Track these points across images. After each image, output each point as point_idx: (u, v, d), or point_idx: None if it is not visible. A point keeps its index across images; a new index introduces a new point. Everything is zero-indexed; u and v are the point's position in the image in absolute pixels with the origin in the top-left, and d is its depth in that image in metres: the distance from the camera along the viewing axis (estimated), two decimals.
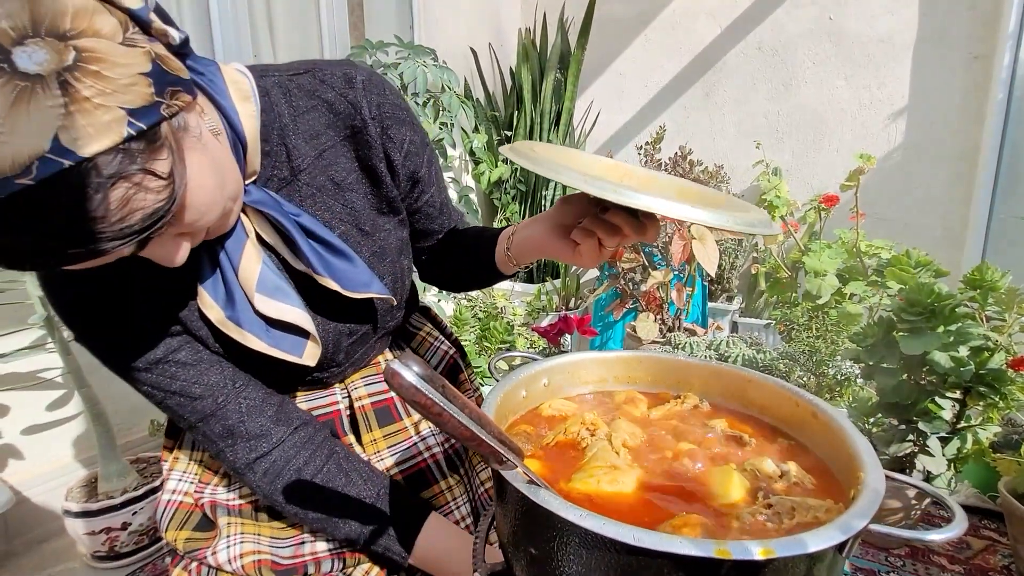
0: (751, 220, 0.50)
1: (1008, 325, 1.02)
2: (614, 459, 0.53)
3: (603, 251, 0.58)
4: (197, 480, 0.68)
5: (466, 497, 0.71)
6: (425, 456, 0.69)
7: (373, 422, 0.68)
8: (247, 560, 0.60)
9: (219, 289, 0.55)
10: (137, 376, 0.57)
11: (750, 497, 0.48)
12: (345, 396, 0.69)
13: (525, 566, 0.45)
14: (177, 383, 0.57)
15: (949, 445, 1.07)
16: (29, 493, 1.25)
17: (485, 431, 0.39)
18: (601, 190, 0.44)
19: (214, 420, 0.59)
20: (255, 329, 0.55)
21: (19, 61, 0.32)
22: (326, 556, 0.63)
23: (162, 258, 0.45)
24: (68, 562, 1.25)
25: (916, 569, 1.21)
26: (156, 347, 0.56)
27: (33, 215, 0.34)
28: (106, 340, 0.56)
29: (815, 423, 0.57)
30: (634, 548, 0.35)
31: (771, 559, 0.35)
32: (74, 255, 0.37)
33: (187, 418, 0.59)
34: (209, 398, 0.58)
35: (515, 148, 0.56)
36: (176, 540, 0.64)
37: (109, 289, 0.54)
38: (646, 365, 0.73)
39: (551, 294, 2.55)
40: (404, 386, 0.34)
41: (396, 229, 0.67)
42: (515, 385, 0.62)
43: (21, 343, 1.19)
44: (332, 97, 0.58)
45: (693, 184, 0.69)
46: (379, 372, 0.71)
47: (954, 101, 2.17)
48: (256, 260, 0.56)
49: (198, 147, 0.42)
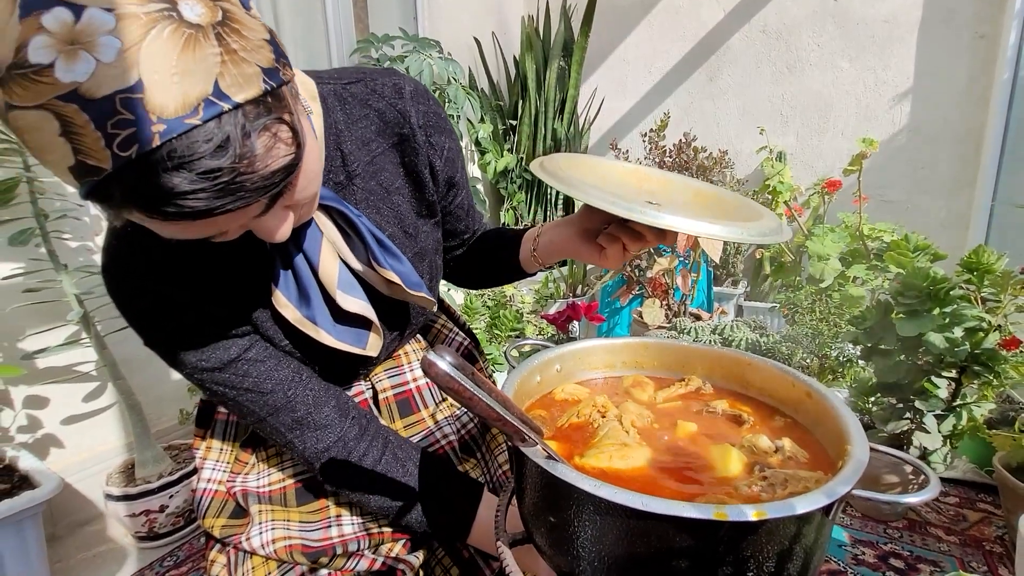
0: (763, 229, 0.55)
1: (1003, 306, 1.06)
2: (624, 437, 0.58)
3: (627, 254, 0.64)
4: (229, 470, 0.72)
5: (484, 479, 0.75)
6: (442, 443, 0.72)
7: (396, 414, 0.72)
8: (279, 545, 0.64)
9: (291, 288, 0.58)
10: (210, 377, 0.59)
11: (747, 471, 0.53)
12: (370, 388, 0.73)
13: (545, 533, 0.51)
14: (249, 380, 0.59)
15: (945, 422, 1.12)
16: (70, 479, 1.32)
17: (509, 412, 0.44)
18: (628, 211, 0.49)
19: (284, 412, 0.61)
20: (326, 325, 0.59)
21: (184, 11, 0.35)
22: (352, 538, 0.66)
23: (270, 230, 0.47)
24: (110, 543, 1.33)
25: (913, 540, 1.26)
26: (229, 348, 0.59)
27: (195, 155, 0.35)
28: (178, 344, 0.58)
29: (809, 402, 0.62)
30: (643, 513, 0.40)
31: (764, 520, 0.40)
32: (220, 203, 0.38)
33: (258, 412, 0.61)
34: (279, 392, 0.60)
35: (544, 166, 0.60)
36: (213, 527, 0.68)
37: (181, 294, 0.56)
38: (652, 351, 0.77)
39: (558, 281, 2.59)
40: (440, 374, 0.39)
41: (433, 231, 0.71)
42: (530, 371, 0.67)
43: (58, 339, 1.26)
44: (383, 106, 0.63)
45: (706, 185, 0.72)
46: (399, 364, 0.75)
47: (959, 82, 2.17)
48: (334, 257, 0.59)
49: (304, 116, 0.46)
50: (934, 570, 1.16)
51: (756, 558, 0.42)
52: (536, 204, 2.76)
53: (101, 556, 1.29)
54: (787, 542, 0.43)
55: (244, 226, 0.46)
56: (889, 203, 2.33)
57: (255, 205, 0.41)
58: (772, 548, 0.43)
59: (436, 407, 0.75)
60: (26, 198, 1.13)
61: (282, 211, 0.47)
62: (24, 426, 1.28)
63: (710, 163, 2.26)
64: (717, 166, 2.28)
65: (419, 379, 0.75)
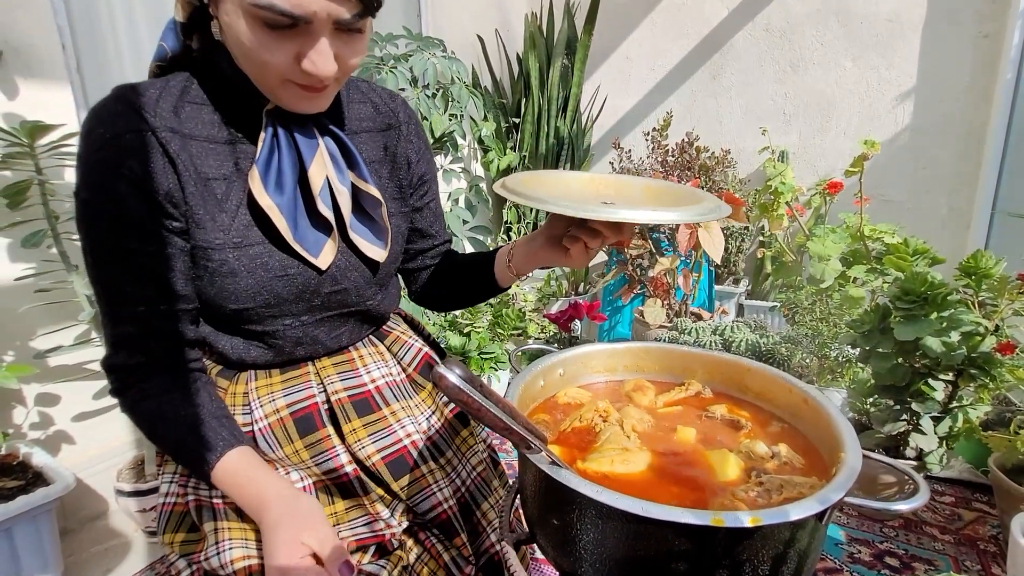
0: (703, 210, 0.61)
1: (1000, 310, 1.07)
2: (625, 442, 0.60)
3: (590, 252, 0.69)
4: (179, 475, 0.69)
5: (449, 480, 0.74)
6: (405, 442, 0.71)
7: (352, 413, 0.70)
8: (239, 565, 0.61)
9: (271, 174, 0.61)
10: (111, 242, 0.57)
11: (744, 476, 0.55)
12: (322, 391, 0.71)
13: (548, 535, 0.53)
14: (125, 271, 0.58)
15: (941, 424, 1.13)
16: (81, 475, 1.35)
17: (515, 422, 0.46)
18: (583, 211, 0.57)
19: (124, 318, 0.59)
20: (289, 218, 0.61)
21: None
22: None
23: (326, 57, 0.53)
24: (120, 537, 1.36)
25: (909, 539, 1.29)
26: (137, 233, 0.57)
27: None
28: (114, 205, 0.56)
29: (806, 408, 0.64)
30: (642, 518, 0.42)
31: (759, 526, 0.42)
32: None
33: (103, 293, 0.59)
34: (137, 302, 0.59)
35: (506, 185, 0.66)
36: (173, 543, 0.66)
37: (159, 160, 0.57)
38: (653, 355, 0.79)
39: (560, 280, 2.61)
40: (449, 387, 0.41)
41: (402, 217, 0.76)
42: (534, 376, 0.69)
43: (69, 338, 1.28)
44: (378, 100, 0.74)
45: (658, 182, 0.79)
46: (354, 368, 0.74)
47: (962, 81, 2.16)
48: (323, 168, 0.63)
49: None
50: (928, 568, 1.18)
51: (752, 562, 0.44)
52: None
53: (112, 550, 1.32)
54: (781, 547, 0.45)
55: (320, 25, 0.52)
56: (891, 202, 2.33)
57: (343, 2, 0.50)
58: (767, 552, 0.45)
59: (398, 404, 0.74)
60: (37, 200, 1.15)
61: (342, 46, 0.54)
62: (36, 423, 1.30)
63: (712, 162, 2.27)
64: (719, 165, 2.29)
65: (377, 380, 0.74)
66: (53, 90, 1.27)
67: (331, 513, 0.69)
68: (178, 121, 0.58)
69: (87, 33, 1.43)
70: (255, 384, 0.70)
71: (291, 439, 0.67)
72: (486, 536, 0.76)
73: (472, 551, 0.74)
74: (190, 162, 0.59)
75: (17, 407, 1.26)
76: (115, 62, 1.50)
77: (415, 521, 0.72)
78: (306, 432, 0.68)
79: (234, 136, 0.62)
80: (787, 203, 1.96)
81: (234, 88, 0.60)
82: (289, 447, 0.67)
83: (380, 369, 0.76)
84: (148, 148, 0.56)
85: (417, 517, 0.72)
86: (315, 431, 0.68)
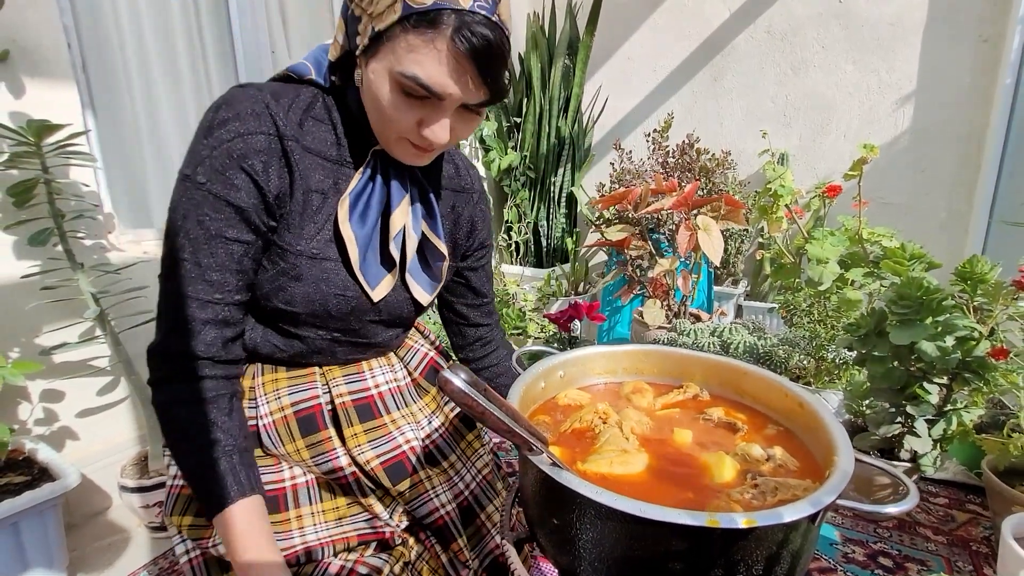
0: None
1: (995, 315, 1.08)
2: (624, 444, 0.61)
3: None
4: None
5: (450, 485, 0.76)
6: (404, 448, 0.73)
7: (354, 417, 0.72)
8: None
9: (359, 207, 0.66)
10: (203, 223, 0.59)
11: (740, 478, 0.57)
12: (326, 392, 0.73)
13: (547, 534, 0.54)
14: (214, 257, 0.60)
15: (935, 427, 1.15)
16: (84, 470, 1.36)
17: (518, 424, 0.47)
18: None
19: (195, 303, 0.60)
20: (361, 247, 0.66)
21: None
22: (316, 545, 0.66)
23: (448, 129, 0.60)
24: (123, 532, 1.37)
25: (903, 540, 1.30)
26: (240, 224, 0.60)
27: (500, 27, 0.56)
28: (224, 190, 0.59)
29: (801, 412, 0.65)
30: (640, 519, 0.43)
31: (753, 527, 0.43)
32: (495, 51, 0.55)
33: (184, 275, 0.60)
34: (215, 289, 0.60)
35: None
36: (181, 525, 0.68)
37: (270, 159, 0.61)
38: (652, 358, 0.80)
39: (560, 279, 2.62)
40: (454, 391, 0.42)
41: (449, 271, 0.81)
42: (535, 378, 0.70)
43: (74, 336, 1.29)
44: (460, 163, 0.82)
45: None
46: (360, 372, 0.76)
47: (962, 85, 2.17)
48: (404, 215, 0.69)
49: None
50: (921, 569, 1.19)
51: (746, 562, 0.46)
52: (539, 202, 2.78)
53: (115, 545, 1.33)
54: (775, 547, 0.46)
55: (449, 104, 0.58)
56: (890, 205, 2.35)
57: (478, 90, 0.57)
58: (761, 553, 0.46)
59: (399, 412, 0.76)
60: (43, 199, 1.16)
61: (460, 122, 0.62)
62: (41, 419, 1.31)
63: (713, 164, 2.28)
64: (720, 167, 2.30)
65: (381, 386, 0.76)
66: (59, 89, 1.28)
67: (333, 508, 0.71)
68: (301, 132, 0.63)
69: (92, 32, 1.44)
70: (261, 379, 0.72)
71: (293, 437, 0.69)
72: (490, 538, 0.77)
73: (476, 552, 0.75)
74: (304, 171, 0.64)
75: (22, 403, 1.28)
76: (120, 61, 1.51)
77: (414, 521, 0.74)
78: (308, 432, 0.70)
79: (342, 159, 0.67)
80: (786, 206, 1.97)
81: (353, 121, 0.67)
82: (291, 445, 0.69)
83: (385, 375, 0.78)
84: (273, 151, 0.61)
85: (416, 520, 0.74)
86: (317, 432, 0.70)
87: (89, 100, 1.43)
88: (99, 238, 1.38)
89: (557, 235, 2.81)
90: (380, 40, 0.56)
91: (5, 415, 1.24)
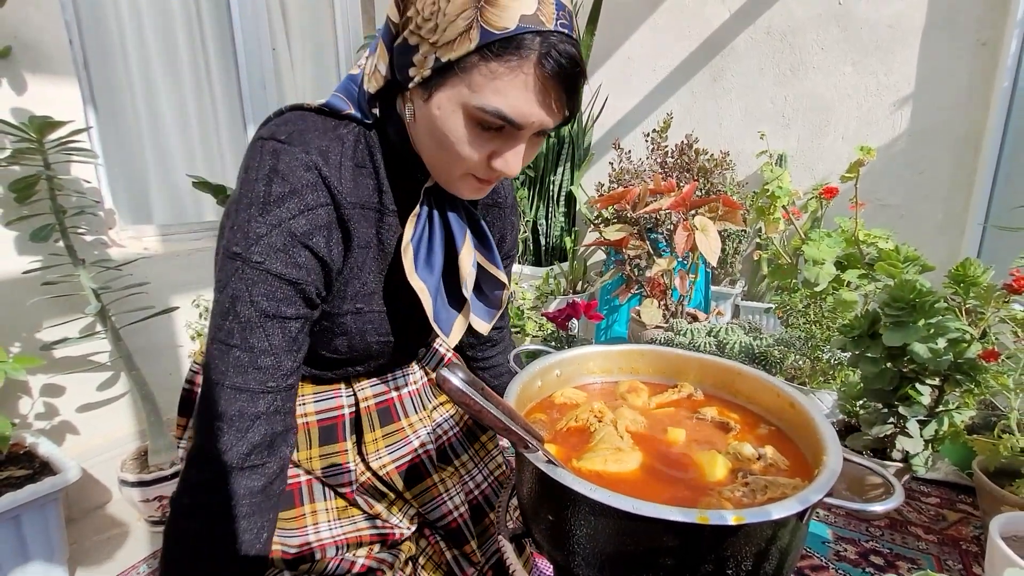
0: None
1: (987, 318, 1.10)
2: (618, 442, 0.62)
3: None
4: None
5: (462, 485, 0.77)
6: (419, 452, 0.74)
7: (376, 422, 0.73)
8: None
9: (422, 253, 0.61)
10: (253, 301, 0.53)
11: (732, 476, 0.58)
12: (351, 397, 0.72)
13: (543, 530, 0.55)
14: (269, 339, 0.54)
15: (927, 427, 1.16)
16: (84, 464, 1.37)
17: (514, 422, 0.48)
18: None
19: (244, 395, 0.54)
20: (432, 293, 0.62)
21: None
22: (330, 542, 0.67)
23: (520, 157, 0.56)
24: (123, 526, 1.38)
25: (894, 538, 1.32)
26: (295, 300, 0.55)
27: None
28: (278, 250, 0.53)
29: (792, 412, 0.66)
30: (633, 515, 0.44)
31: (742, 524, 0.44)
32: (573, 77, 0.51)
33: (233, 364, 0.53)
34: (268, 376, 0.55)
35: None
36: None
37: (320, 202, 0.55)
38: (647, 358, 0.81)
39: (559, 278, 2.63)
40: (453, 389, 0.43)
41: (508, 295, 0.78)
42: (532, 376, 0.71)
43: (75, 331, 1.30)
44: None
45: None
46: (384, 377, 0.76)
47: (960, 88, 2.19)
48: (471, 251, 0.64)
49: None
50: (911, 567, 1.21)
51: (736, 558, 0.47)
52: (539, 200, 2.79)
53: (115, 539, 1.34)
54: (764, 544, 0.48)
55: (527, 132, 0.54)
56: (887, 207, 2.36)
57: (560, 113, 0.53)
58: (750, 549, 0.47)
59: (416, 416, 0.77)
60: (45, 195, 1.16)
61: (530, 147, 0.57)
62: (42, 413, 1.32)
63: (711, 164, 2.29)
64: (718, 168, 2.31)
65: (401, 389, 0.77)
66: (60, 85, 1.29)
67: (345, 505, 0.72)
68: (352, 190, 0.58)
69: (93, 29, 1.44)
70: None
71: (310, 445, 0.70)
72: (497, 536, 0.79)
73: (483, 551, 0.76)
74: (354, 230, 0.59)
75: (23, 398, 1.29)
76: (121, 58, 1.51)
77: (423, 521, 0.75)
78: (327, 442, 0.70)
79: (384, 207, 0.61)
80: (784, 207, 1.99)
81: (396, 159, 0.60)
82: (305, 452, 0.69)
83: (407, 378, 0.78)
84: (332, 223, 0.56)
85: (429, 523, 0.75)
86: (335, 442, 0.70)
87: (90, 96, 1.43)
88: (100, 234, 1.39)
89: (556, 234, 2.82)
90: (447, 71, 0.50)
91: (6, 409, 1.25)
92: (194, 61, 1.69)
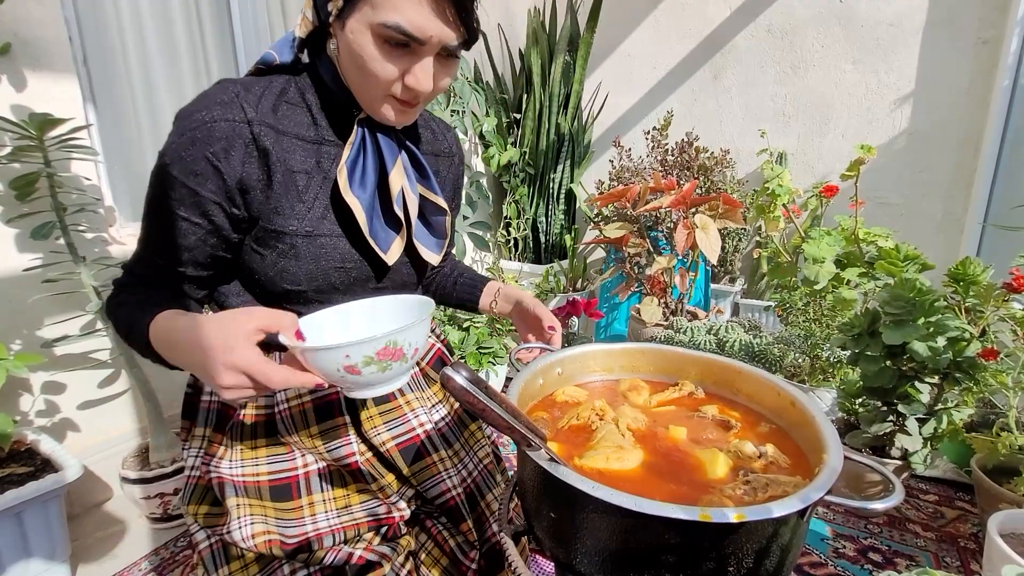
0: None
1: (986, 317, 1.10)
2: (620, 440, 0.63)
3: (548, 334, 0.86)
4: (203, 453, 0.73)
5: (456, 470, 0.78)
6: (418, 431, 0.75)
7: (370, 401, 0.74)
8: (259, 540, 0.66)
9: (356, 174, 0.67)
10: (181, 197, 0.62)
11: (733, 474, 0.58)
12: None
13: (545, 527, 0.56)
14: (191, 236, 0.63)
15: (926, 425, 1.17)
16: (86, 461, 1.38)
17: (517, 421, 0.49)
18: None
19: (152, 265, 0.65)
20: (367, 211, 0.67)
21: None
22: (327, 532, 0.68)
23: (429, 75, 0.61)
24: (124, 523, 1.38)
25: (892, 535, 1.33)
26: (191, 206, 0.62)
27: None
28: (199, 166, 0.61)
29: (793, 411, 0.67)
30: (635, 513, 0.45)
31: (743, 522, 0.45)
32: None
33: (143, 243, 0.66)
34: (168, 263, 0.65)
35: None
36: (197, 515, 0.71)
37: (264, 135, 0.63)
38: (648, 356, 0.82)
39: (559, 275, 2.63)
40: (456, 388, 0.44)
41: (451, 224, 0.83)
42: (533, 374, 0.72)
43: (76, 328, 1.30)
44: (436, 127, 0.84)
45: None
46: None
47: (961, 86, 2.18)
48: (401, 174, 0.70)
49: None
50: (910, 564, 1.22)
51: (737, 555, 0.47)
52: (538, 198, 2.79)
53: (116, 535, 1.35)
54: (765, 541, 0.48)
55: (430, 48, 0.60)
56: (887, 205, 2.36)
57: (456, 30, 0.60)
58: (751, 546, 0.48)
59: (413, 395, 0.78)
60: (46, 192, 1.16)
61: (439, 68, 0.63)
62: (43, 410, 1.32)
63: (711, 163, 2.29)
64: (718, 166, 2.31)
65: None
66: (61, 83, 1.28)
67: (343, 495, 0.72)
68: (275, 118, 0.64)
69: (93, 26, 1.43)
70: None
71: (308, 424, 0.71)
72: (489, 525, 0.79)
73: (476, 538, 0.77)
74: (281, 154, 0.65)
75: (25, 395, 1.29)
76: (120, 55, 1.51)
77: (423, 508, 0.76)
78: (324, 419, 0.71)
79: (321, 137, 0.68)
80: (784, 205, 1.99)
81: (330, 97, 0.68)
82: (304, 432, 0.71)
83: None
84: (237, 137, 0.62)
85: (426, 504, 0.75)
86: (332, 419, 0.72)
87: (90, 93, 1.43)
88: (101, 231, 1.39)
89: (556, 231, 2.82)
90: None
91: (8, 407, 1.25)
92: (194, 58, 1.69)
